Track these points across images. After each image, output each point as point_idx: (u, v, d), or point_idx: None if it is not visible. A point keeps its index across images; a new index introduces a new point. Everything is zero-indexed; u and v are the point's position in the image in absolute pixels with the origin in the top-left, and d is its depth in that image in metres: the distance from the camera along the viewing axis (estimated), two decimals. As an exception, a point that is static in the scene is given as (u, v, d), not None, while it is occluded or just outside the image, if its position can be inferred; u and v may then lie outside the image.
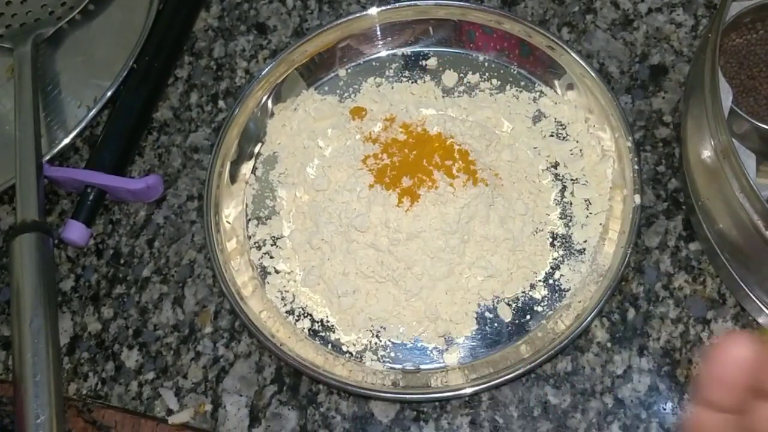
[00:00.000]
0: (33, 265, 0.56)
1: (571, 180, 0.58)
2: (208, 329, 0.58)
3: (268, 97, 0.62)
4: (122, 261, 0.61)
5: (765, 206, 0.44)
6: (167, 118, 0.65)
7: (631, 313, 0.54)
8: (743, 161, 0.46)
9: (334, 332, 0.55)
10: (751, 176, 0.46)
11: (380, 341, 0.55)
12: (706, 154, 0.49)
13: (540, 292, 0.55)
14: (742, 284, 0.50)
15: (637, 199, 0.54)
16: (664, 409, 0.52)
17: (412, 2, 0.63)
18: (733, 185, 0.46)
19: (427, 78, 0.62)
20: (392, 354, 0.54)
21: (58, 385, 0.53)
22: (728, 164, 0.46)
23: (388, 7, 0.62)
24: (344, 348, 0.55)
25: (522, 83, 0.61)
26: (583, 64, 0.58)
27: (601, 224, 0.56)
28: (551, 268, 0.56)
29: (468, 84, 0.62)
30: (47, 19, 0.68)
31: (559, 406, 0.52)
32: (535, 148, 0.59)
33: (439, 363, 0.54)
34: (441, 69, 0.62)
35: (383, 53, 0.64)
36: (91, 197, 0.61)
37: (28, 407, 0.51)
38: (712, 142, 0.47)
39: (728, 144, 0.45)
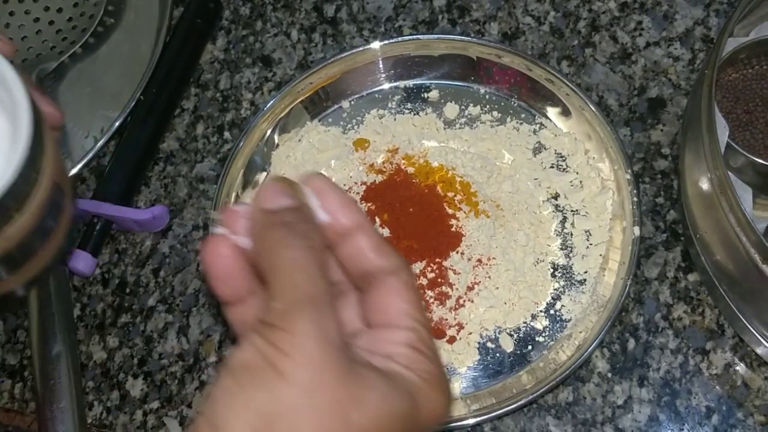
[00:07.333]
0: (50, 293, 0.57)
1: (572, 211, 0.59)
2: (213, 358, 0.58)
3: (273, 129, 0.63)
4: (128, 290, 0.62)
5: (761, 240, 0.45)
6: (173, 149, 0.66)
7: (631, 344, 0.55)
8: (740, 195, 0.47)
9: (337, 362, 0.56)
10: (747, 210, 0.47)
11: (383, 371, 0.55)
12: (704, 187, 0.50)
13: (541, 323, 0.56)
14: (740, 315, 0.51)
15: (637, 230, 0.55)
16: (665, 440, 0.52)
17: (414, 36, 0.64)
18: (730, 219, 0.47)
19: (429, 110, 0.63)
20: (395, 384, 0.55)
21: (81, 410, 0.54)
22: (725, 198, 0.47)
23: (391, 41, 0.63)
24: (347, 378, 0.55)
25: (522, 115, 0.62)
26: (583, 97, 0.59)
27: (601, 255, 0.57)
28: (552, 298, 0.56)
29: (469, 116, 0.63)
30: (49, 54, 0.69)
31: (561, 437, 0.53)
32: (536, 179, 0.60)
33: (442, 393, 0.54)
34: (442, 101, 0.64)
35: (386, 86, 0.65)
36: (97, 227, 0.62)
37: None
38: (709, 176, 0.48)
39: (724, 179, 0.46)
